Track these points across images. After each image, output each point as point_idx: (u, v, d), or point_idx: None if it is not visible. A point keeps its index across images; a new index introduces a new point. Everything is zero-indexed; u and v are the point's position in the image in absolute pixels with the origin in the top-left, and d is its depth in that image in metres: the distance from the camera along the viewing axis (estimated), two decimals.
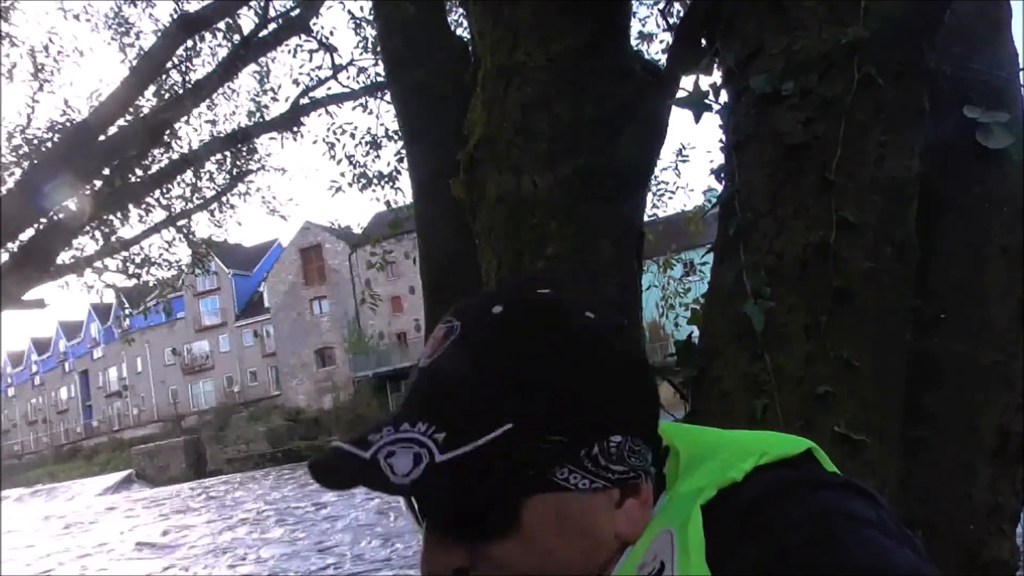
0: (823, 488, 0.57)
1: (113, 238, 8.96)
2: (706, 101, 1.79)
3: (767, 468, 0.59)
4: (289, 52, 8.82)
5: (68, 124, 8.37)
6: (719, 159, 1.79)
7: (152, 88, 8.14)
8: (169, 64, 7.97)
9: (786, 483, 0.57)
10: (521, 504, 0.55)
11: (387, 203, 8.43)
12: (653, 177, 2.37)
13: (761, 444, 0.62)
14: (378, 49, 6.27)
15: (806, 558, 0.51)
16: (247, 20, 8.26)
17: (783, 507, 0.55)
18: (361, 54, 8.56)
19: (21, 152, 8.28)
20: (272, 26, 8.16)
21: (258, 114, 9.39)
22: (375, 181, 8.34)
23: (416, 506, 0.59)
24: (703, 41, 1.94)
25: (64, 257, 8.25)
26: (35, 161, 7.72)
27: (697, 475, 0.60)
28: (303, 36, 8.41)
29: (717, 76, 1.79)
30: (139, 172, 8.64)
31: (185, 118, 8.60)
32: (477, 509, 0.55)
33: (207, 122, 9.45)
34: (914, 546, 0.54)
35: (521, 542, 0.56)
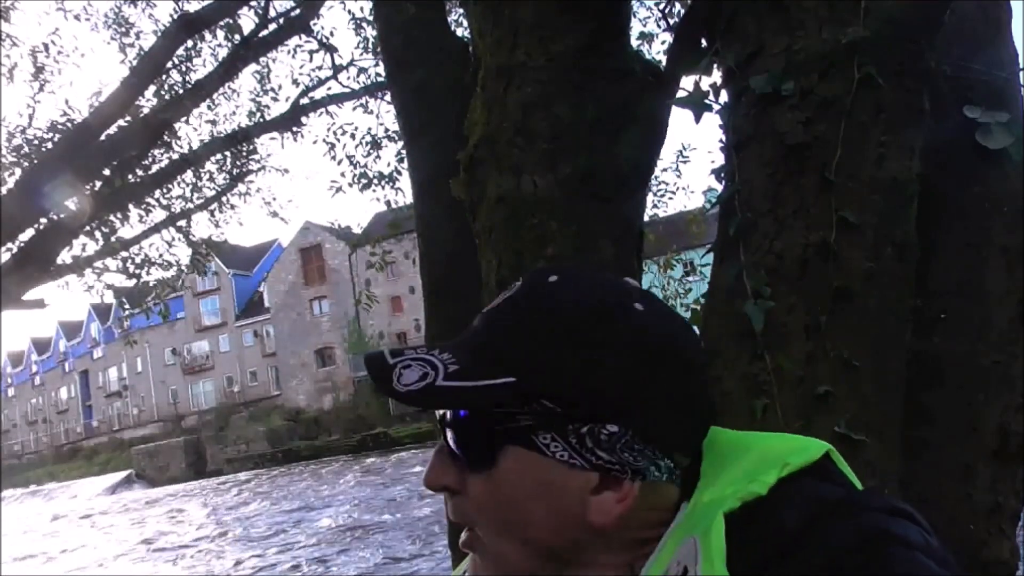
0: (873, 511, 0.56)
1: (113, 238, 8.96)
2: (706, 101, 1.79)
3: (792, 479, 0.59)
4: (289, 52, 8.85)
5: (68, 124, 8.38)
6: (719, 159, 1.79)
7: (152, 88, 8.14)
8: (169, 64, 7.97)
9: (836, 503, 0.57)
10: (498, 449, 0.60)
11: (387, 203, 8.44)
12: (653, 177, 2.37)
13: (782, 452, 0.61)
14: (378, 49, 6.27)
15: None
16: (247, 20, 8.27)
17: (839, 529, 0.55)
18: (361, 54, 8.58)
19: (21, 152, 8.28)
20: (272, 26, 8.16)
21: (258, 114, 9.40)
22: (375, 181, 8.35)
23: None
24: (703, 41, 1.94)
25: (64, 257, 8.26)
26: (35, 161, 7.72)
27: (720, 483, 0.60)
28: (303, 36, 8.43)
29: (717, 76, 1.79)
30: (139, 172, 8.64)
31: (185, 118, 8.61)
32: (463, 438, 0.61)
33: (207, 122, 9.47)
34: (954, 572, 0.55)
35: (493, 483, 0.60)
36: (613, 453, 0.59)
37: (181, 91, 8.40)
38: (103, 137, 7.05)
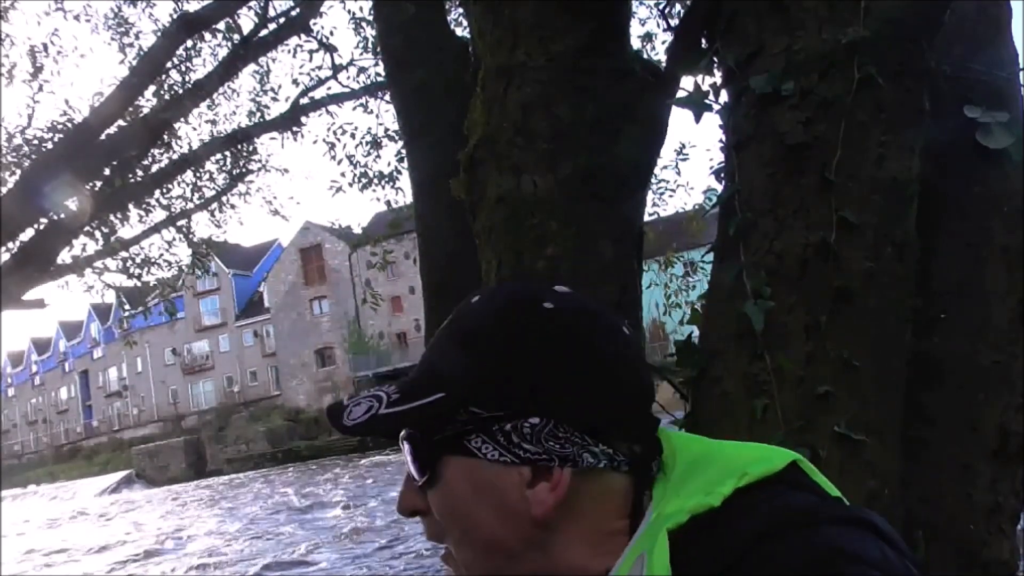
0: (827, 524, 0.55)
1: (113, 238, 8.96)
2: (706, 101, 1.79)
3: (751, 489, 0.59)
4: (289, 52, 8.84)
5: (68, 124, 8.37)
6: (719, 159, 1.79)
7: (152, 88, 8.14)
8: (169, 64, 7.96)
9: (792, 515, 0.56)
10: (439, 461, 0.64)
11: (387, 203, 8.44)
12: (653, 176, 2.37)
13: (744, 462, 0.61)
14: (378, 49, 6.26)
15: None
16: (247, 20, 8.27)
17: (787, 546, 0.54)
18: (361, 54, 8.57)
19: (21, 152, 8.28)
20: (272, 26, 8.16)
21: (258, 114, 9.39)
22: (375, 181, 8.35)
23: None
24: (703, 41, 1.94)
25: (64, 257, 8.25)
26: (35, 161, 7.72)
27: (683, 494, 0.61)
28: (303, 36, 8.42)
29: (717, 76, 1.79)
30: (139, 172, 8.64)
31: (185, 118, 8.60)
32: (413, 459, 0.66)
33: (207, 122, 9.46)
34: None
35: (442, 495, 0.65)
36: (539, 444, 0.61)
37: (181, 91, 8.40)
38: (103, 137, 7.05)
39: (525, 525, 0.62)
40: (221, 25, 8.07)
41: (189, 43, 8.08)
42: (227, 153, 9.40)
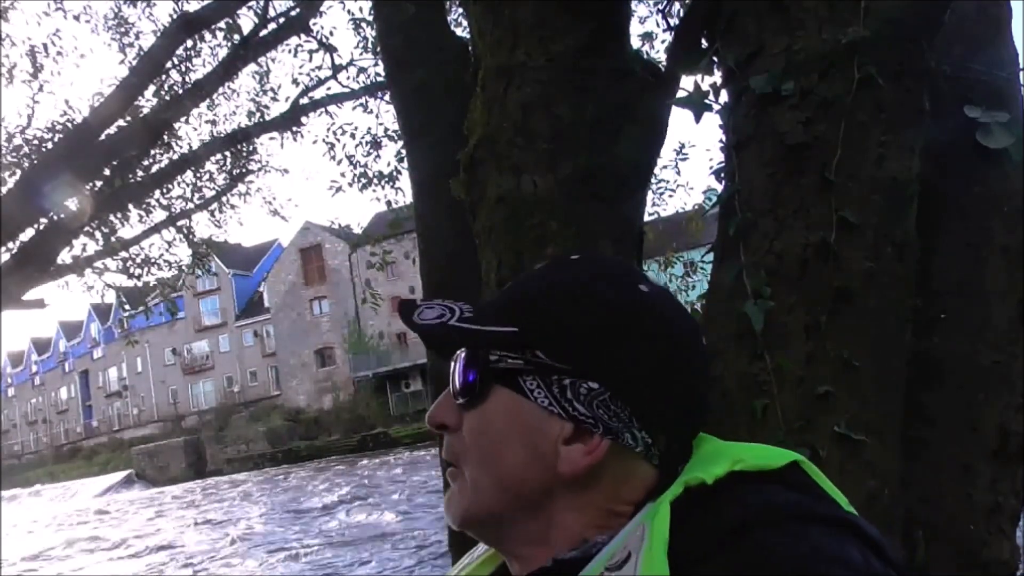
0: (816, 523, 0.55)
1: (113, 238, 8.96)
2: (706, 101, 1.79)
3: (748, 479, 0.60)
4: (289, 52, 8.83)
5: (68, 124, 8.37)
6: (719, 159, 1.79)
7: (152, 88, 8.14)
8: (169, 64, 7.96)
9: (778, 509, 0.56)
10: (489, 387, 0.65)
11: (387, 203, 8.43)
12: (653, 176, 2.37)
13: (741, 452, 0.63)
14: (378, 49, 6.26)
15: None
16: (247, 20, 8.27)
17: (773, 537, 0.54)
18: (361, 54, 8.56)
19: (21, 152, 8.28)
20: (272, 26, 8.15)
21: (258, 114, 9.39)
22: (375, 181, 8.34)
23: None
24: (703, 41, 1.94)
25: (64, 257, 8.25)
26: (35, 161, 7.72)
27: (682, 477, 0.62)
28: (303, 36, 8.41)
29: (717, 76, 1.79)
30: (139, 172, 8.64)
31: (185, 118, 8.60)
32: (462, 377, 0.67)
33: (207, 122, 9.45)
34: None
35: (480, 418, 0.66)
36: (589, 408, 0.63)
37: (181, 91, 8.39)
38: (103, 137, 7.04)
39: (547, 475, 0.64)
40: (221, 25, 8.06)
41: (189, 43, 8.08)
42: (227, 153, 9.40)
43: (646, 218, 2.37)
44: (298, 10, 8.17)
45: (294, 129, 8.98)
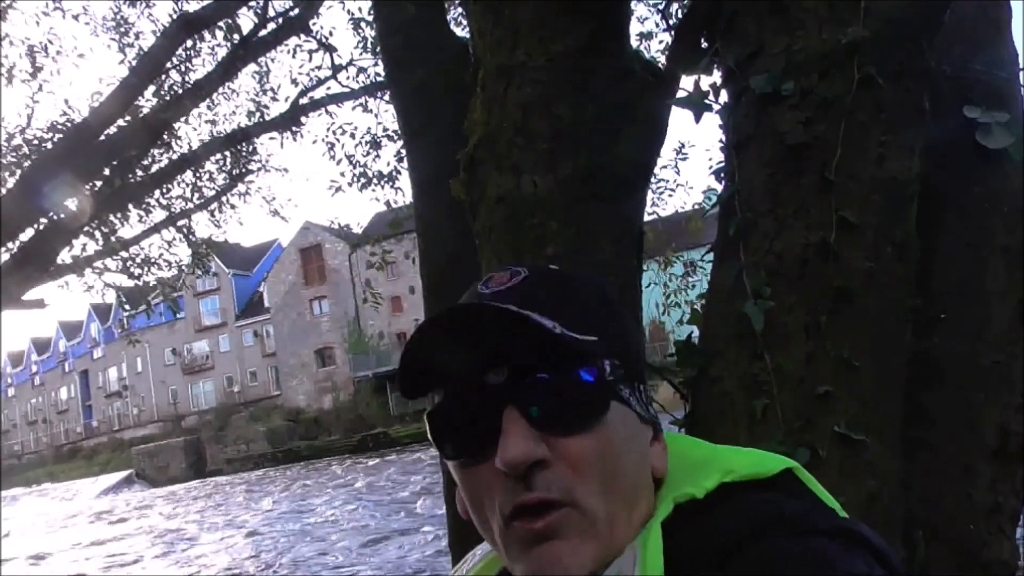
0: (817, 534, 0.54)
1: (113, 238, 8.95)
2: (706, 101, 1.79)
3: (740, 489, 0.58)
4: (288, 52, 8.83)
5: (68, 124, 8.37)
6: (719, 159, 1.79)
7: (152, 88, 8.13)
8: (169, 64, 7.96)
9: (775, 522, 0.55)
10: (607, 402, 0.62)
11: (387, 203, 8.43)
12: (653, 176, 2.37)
13: (731, 461, 0.62)
14: (378, 49, 6.26)
15: None
16: (246, 20, 8.26)
17: (773, 552, 0.52)
18: (361, 54, 8.56)
19: (21, 152, 8.28)
20: (271, 26, 8.15)
21: (258, 114, 9.39)
22: (375, 181, 8.34)
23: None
24: (703, 41, 1.94)
25: (64, 257, 8.25)
26: (35, 161, 7.71)
27: (670, 488, 0.63)
28: (302, 36, 8.41)
29: (717, 76, 1.79)
30: (139, 172, 8.63)
31: (185, 118, 8.60)
32: (570, 398, 0.60)
33: (207, 122, 9.46)
34: None
35: (598, 439, 0.60)
36: (650, 407, 0.67)
37: (181, 91, 8.39)
38: (103, 137, 7.04)
39: (648, 477, 0.64)
40: (221, 25, 8.06)
41: (189, 43, 8.07)
42: (227, 153, 9.40)
43: (646, 218, 2.37)
44: (298, 10, 8.17)
45: (294, 129, 8.98)
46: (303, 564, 12.21)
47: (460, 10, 5.53)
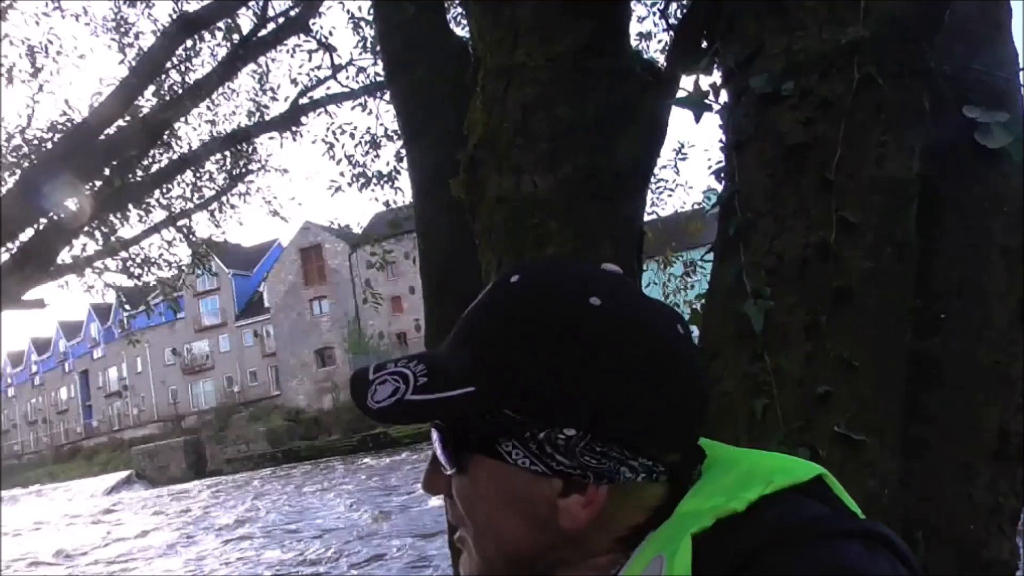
0: (841, 538, 0.54)
1: (113, 238, 8.95)
2: (706, 101, 1.79)
3: (774, 497, 0.57)
4: (288, 52, 8.83)
5: (68, 124, 8.37)
6: (719, 159, 1.79)
7: (152, 88, 8.13)
8: (169, 64, 7.96)
9: (796, 528, 0.54)
10: (466, 458, 0.60)
11: (387, 203, 8.43)
12: (652, 176, 2.37)
13: (770, 471, 0.59)
14: (377, 49, 6.26)
15: None
16: (246, 20, 8.26)
17: (797, 557, 0.52)
18: (361, 54, 8.54)
19: (21, 152, 8.28)
20: (271, 26, 8.15)
21: (258, 114, 9.39)
22: (375, 181, 8.34)
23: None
24: (703, 41, 1.94)
25: (64, 257, 8.24)
26: (35, 161, 7.72)
27: (701, 495, 0.58)
28: (302, 36, 8.41)
29: (717, 76, 1.79)
30: (139, 172, 8.63)
31: (185, 118, 8.60)
32: (441, 445, 0.62)
33: (207, 122, 9.45)
34: None
35: (468, 491, 0.61)
36: (572, 458, 0.57)
37: (181, 91, 8.39)
38: (103, 137, 7.04)
39: (552, 535, 0.59)
40: (221, 25, 8.06)
41: (188, 43, 8.07)
42: (227, 153, 9.39)
43: (646, 218, 2.37)
44: (297, 10, 8.17)
45: (294, 129, 8.98)
46: (303, 564, 12.22)
47: (460, 10, 5.53)
